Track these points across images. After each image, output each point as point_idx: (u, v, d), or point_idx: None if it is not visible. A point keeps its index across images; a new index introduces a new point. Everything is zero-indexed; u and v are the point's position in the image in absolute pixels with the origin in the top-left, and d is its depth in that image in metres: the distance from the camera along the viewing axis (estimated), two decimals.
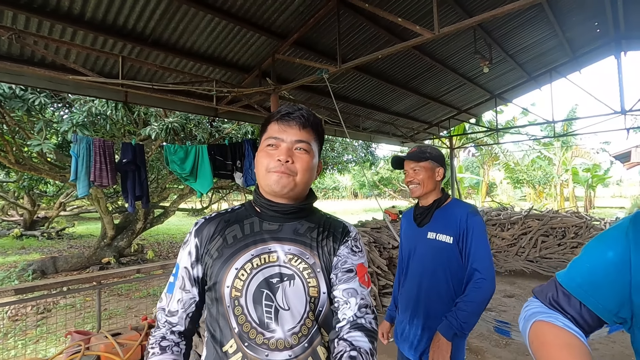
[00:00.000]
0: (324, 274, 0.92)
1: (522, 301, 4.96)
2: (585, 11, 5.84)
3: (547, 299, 0.73)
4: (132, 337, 2.77)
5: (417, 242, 1.61)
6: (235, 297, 0.85)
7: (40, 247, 11.17)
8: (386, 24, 4.56)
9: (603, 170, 21.22)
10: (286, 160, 0.90)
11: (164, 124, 5.23)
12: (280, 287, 0.87)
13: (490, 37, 5.78)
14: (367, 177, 22.83)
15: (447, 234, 1.50)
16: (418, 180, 1.57)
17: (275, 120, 0.95)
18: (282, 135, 0.93)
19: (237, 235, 0.92)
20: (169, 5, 3.40)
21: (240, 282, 0.86)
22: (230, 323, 0.85)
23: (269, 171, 0.92)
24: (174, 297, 0.93)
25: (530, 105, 19.96)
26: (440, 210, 1.58)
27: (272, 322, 0.85)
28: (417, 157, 1.58)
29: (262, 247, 0.90)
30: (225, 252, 0.89)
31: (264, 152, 0.94)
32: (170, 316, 0.92)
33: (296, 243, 0.93)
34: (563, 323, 0.66)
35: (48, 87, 3.61)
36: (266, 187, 0.93)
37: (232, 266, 0.87)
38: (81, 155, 3.13)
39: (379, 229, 5.69)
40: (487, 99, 8.73)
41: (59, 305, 5.75)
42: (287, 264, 0.90)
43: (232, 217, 0.96)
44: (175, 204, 9.57)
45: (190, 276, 0.93)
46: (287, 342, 0.84)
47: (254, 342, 0.84)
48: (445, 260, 1.49)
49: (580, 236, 6.57)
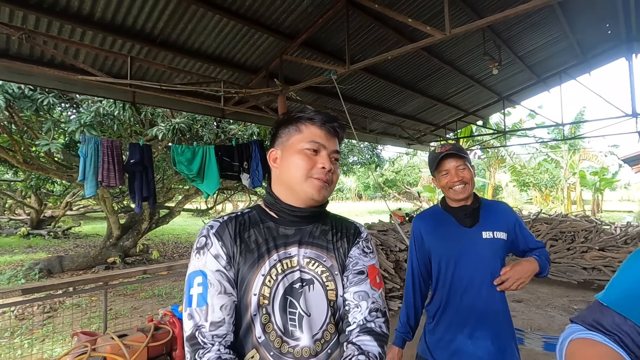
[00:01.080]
0: (341, 276, 0.90)
1: (531, 306, 4.88)
2: (597, 13, 5.75)
3: (586, 320, 0.68)
4: (139, 339, 2.75)
5: (468, 244, 1.44)
6: (263, 304, 0.82)
7: (47, 246, 11.25)
8: (395, 24, 4.52)
9: (611, 173, 20.94)
10: (329, 169, 0.88)
11: (171, 124, 5.23)
12: (303, 293, 0.85)
13: (499, 39, 5.72)
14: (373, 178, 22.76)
15: (502, 231, 1.44)
16: (466, 180, 1.43)
17: (319, 124, 0.91)
18: (325, 142, 0.90)
19: (257, 239, 0.88)
20: (178, 5, 3.39)
21: (268, 289, 0.83)
22: (254, 332, 0.81)
23: (311, 177, 0.88)
24: (213, 307, 0.80)
25: (537, 108, 19.79)
26: (483, 209, 1.50)
27: (297, 330, 0.82)
28: (462, 154, 1.45)
29: (283, 251, 0.87)
30: (249, 257, 0.85)
31: (305, 156, 0.89)
32: (216, 329, 0.79)
33: (313, 246, 0.90)
34: (604, 339, 0.62)
35: (57, 87, 3.61)
36: (302, 192, 0.89)
37: (258, 272, 0.83)
38: (89, 156, 3.13)
39: (385, 232, 5.64)
40: (494, 101, 8.65)
41: (64, 304, 5.77)
42: (306, 267, 0.87)
43: (246, 221, 0.91)
44: (180, 205, 9.59)
45: (228, 278, 0.83)
46: (312, 349, 0.82)
47: (278, 352, 0.81)
48: (501, 256, 1.44)
49: (590, 240, 6.46)
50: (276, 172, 0.94)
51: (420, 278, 1.57)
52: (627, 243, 6.14)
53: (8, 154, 5.57)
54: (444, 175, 1.47)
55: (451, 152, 1.44)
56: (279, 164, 0.93)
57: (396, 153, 21.54)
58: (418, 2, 4.23)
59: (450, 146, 1.48)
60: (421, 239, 1.56)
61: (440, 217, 1.54)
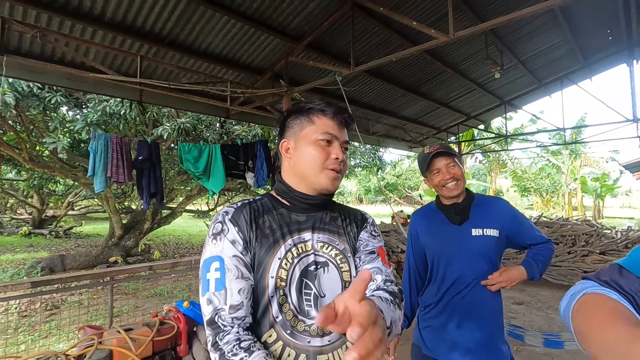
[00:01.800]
0: (353, 258, 0.95)
1: (532, 308, 4.90)
2: (598, 18, 5.82)
3: (602, 277, 0.66)
4: (144, 333, 2.77)
5: (457, 241, 1.50)
6: (280, 286, 0.86)
7: (48, 246, 11.28)
8: (399, 27, 4.59)
9: (612, 180, 20.97)
10: (342, 160, 0.93)
11: (176, 124, 5.29)
12: (317, 275, 0.89)
13: (501, 43, 5.78)
14: (375, 181, 22.79)
15: (493, 228, 1.47)
16: (457, 176, 1.48)
17: (331, 116, 0.95)
18: (337, 134, 0.94)
19: (271, 225, 0.91)
20: (187, 6, 3.46)
21: (285, 271, 0.86)
22: (270, 312, 0.85)
23: (327, 168, 0.92)
24: (231, 290, 0.82)
25: (539, 113, 19.86)
26: (476, 206, 1.53)
27: (312, 310, 0.86)
28: (451, 152, 1.50)
29: (297, 236, 0.91)
30: (265, 242, 0.88)
31: (317, 146, 0.92)
32: (235, 312, 0.82)
33: (324, 231, 0.95)
34: (618, 297, 0.61)
35: (68, 85, 3.68)
36: (317, 183, 0.92)
37: (274, 256, 0.87)
38: (99, 152, 3.18)
39: (387, 233, 5.68)
40: (496, 105, 8.70)
41: (67, 302, 5.79)
42: (320, 251, 0.92)
43: (259, 207, 0.94)
44: (182, 205, 9.63)
45: (245, 263, 0.86)
46: (326, 328, 0.84)
47: (296, 330, 0.85)
48: (491, 254, 1.46)
49: (591, 244, 6.49)
50: (288, 162, 0.97)
51: (416, 272, 1.65)
52: (627, 247, 6.16)
53: (15, 151, 5.63)
54: (435, 174, 1.52)
55: (440, 150, 1.50)
56: (292, 154, 0.95)
57: (398, 156, 21.60)
58: (422, 5, 4.30)
59: (439, 145, 1.53)
60: (417, 236, 1.64)
61: (433, 215, 1.61)
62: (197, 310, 3.22)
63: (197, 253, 10.38)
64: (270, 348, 0.84)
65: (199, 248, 11.19)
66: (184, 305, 3.21)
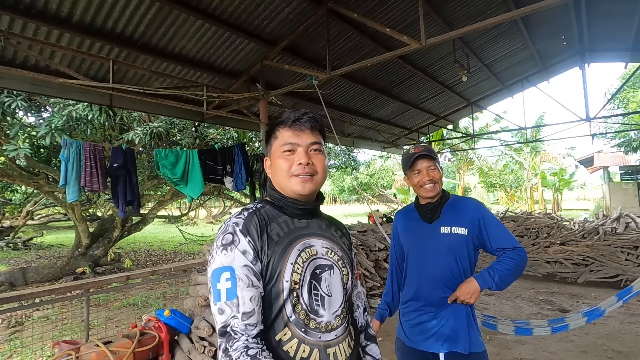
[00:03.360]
0: (348, 264, 1.06)
1: (502, 299, 5.18)
2: (554, 25, 6.26)
3: None
4: (125, 345, 2.71)
5: (427, 238, 1.61)
6: (294, 289, 0.92)
7: (6, 259, 10.56)
8: (372, 32, 4.72)
9: (569, 174, 22.44)
10: (307, 163, 0.98)
11: (149, 128, 5.13)
12: (323, 277, 0.98)
13: (468, 48, 6.07)
14: (349, 181, 23.06)
15: (461, 226, 1.57)
16: (435, 179, 1.59)
17: (288, 126, 1.02)
18: (297, 140, 1.01)
19: (279, 232, 0.97)
20: (160, 10, 3.39)
21: (297, 275, 0.93)
22: (284, 313, 0.91)
23: (293, 175, 0.98)
24: (243, 298, 0.86)
25: (502, 113, 20.89)
26: (448, 205, 1.63)
27: (321, 308, 0.95)
28: (432, 156, 1.60)
29: (303, 242, 0.98)
30: (277, 249, 0.94)
31: (282, 158, 1.00)
32: (247, 318, 0.86)
33: (325, 238, 1.04)
34: None
35: (31, 89, 3.49)
36: (290, 190, 1.00)
37: (287, 261, 0.93)
38: (71, 160, 3.04)
39: (365, 232, 5.80)
40: (463, 106, 9.11)
41: (32, 317, 5.47)
42: (325, 256, 1.00)
43: (264, 216, 0.99)
44: (154, 211, 9.34)
45: (254, 272, 0.90)
46: (333, 324, 0.95)
47: (308, 328, 0.92)
48: (459, 251, 1.56)
49: (552, 236, 6.94)
50: (271, 177, 1.07)
51: (398, 269, 1.80)
52: (584, 237, 6.65)
53: None
54: (416, 174, 1.62)
55: (424, 153, 1.61)
56: (270, 170, 1.05)
57: (371, 156, 21.99)
58: (394, 12, 4.45)
59: (423, 147, 1.65)
60: (397, 234, 1.78)
61: (411, 214, 1.74)
62: (179, 318, 3.17)
63: (170, 260, 10.08)
64: (286, 346, 0.90)
65: (172, 255, 10.87)
66: (165, 314, 3.15)
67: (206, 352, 2.89)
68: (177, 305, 4.64)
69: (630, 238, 6.03)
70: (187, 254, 10.67)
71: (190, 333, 3.17)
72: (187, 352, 3.04)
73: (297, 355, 0.90)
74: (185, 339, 3.11)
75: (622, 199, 15.54)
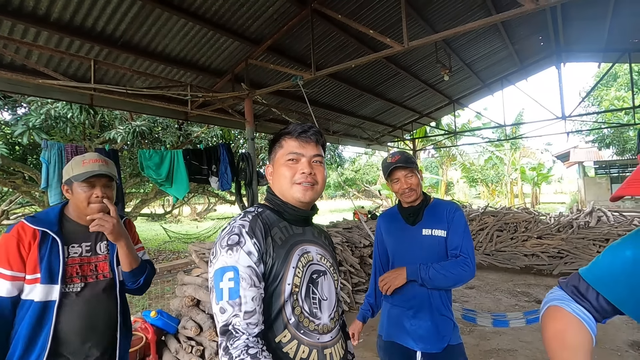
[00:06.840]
0: (337, 271, 1.14)
1: (482, 292, 5.38)
2: (531, 26, 6.46)
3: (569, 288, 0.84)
4: None
5: (410, 240, 1.69)
6: (295, 292, 0.98)
7: None
8: (356, 33, 4.77)
9: (546, 169, 23.20)
10: (310, 173, 1.05)
11: (131, 127, 5.05)
12: (320, 281, 1.05)
13: (449, 48, 6.20)
14: (334, 177, 23.15)
15: (440, 229, 1.66)
16: (413, 186, 1.67)
17: (294, 137, 1.08)
18: (302, 151, 1.07)
19: (281, 237, 1.03)
20: (142, 8, 3.34)
21: (298, 279, 0.99)
22: (284, 315, 0.96)
23: (295, 183, 1.04)
24: (245, 298, 0.89)
25: (483, 110, 21.38)
26: (430, 209, 1.72)
27: (318, 311, 1.01)
28: (410, 164, 1.68)
29: (302, 247, 1.05)
30: (280, 252, 0.99)
31: (286, 167, 1.06)
32: (249, 317, 0.88)
33: (318, 245, 1.11)
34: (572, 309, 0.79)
35: (6, 88, 3.39)
36: (291, 197, 1.06)
37: (289, 265, 0.99)
38: (52, 162, 2.98)
39: (350, 229, 5.88)
40: (446, 103, 9.30)
41: None
42: (320, 262, 1.07)
43: (266, 220, 1.04)
44: (137, 209, 9.20)
45: (257, 273, 0.93)
46: (328, 326, 1.03)
47: (307, 329, 0.98)
48: (440, 252, 1.65)
49: (530, 230, 7.20)
50: (272, 183, 1.11)
51: (380, 267, 1.87)
52: (559, 231, 6.93)
53: None
54: (395, 182, 1.72)
55: (399, 165, 1.69)
56: (272, 176, 1.10)
57: (355, 153, 22.14)
58: (377, 13, 4.51)
59: (399, 157, 1.72)
60: (381, 235, 1.86)
61: (394, 217, 1.82)
62: (166, 319, 3.17)
63: (154, 259, 9.95)
64: (285, 347, 0.95)
65: (156, 253, 10.73)
66: (152, 315, 3.15)
67: (194, 352, 2.92)
68: (162, 305, 4.62)
69: (601, 231, 6.33)
70: (172, 252, 10.54)
71: (177, 333, 3.19)
72: (175, 352, 3.06)
73: (297, 356, 0.95)
74: (173, 339, 3.13)
75: (596, 192, 16.22)
